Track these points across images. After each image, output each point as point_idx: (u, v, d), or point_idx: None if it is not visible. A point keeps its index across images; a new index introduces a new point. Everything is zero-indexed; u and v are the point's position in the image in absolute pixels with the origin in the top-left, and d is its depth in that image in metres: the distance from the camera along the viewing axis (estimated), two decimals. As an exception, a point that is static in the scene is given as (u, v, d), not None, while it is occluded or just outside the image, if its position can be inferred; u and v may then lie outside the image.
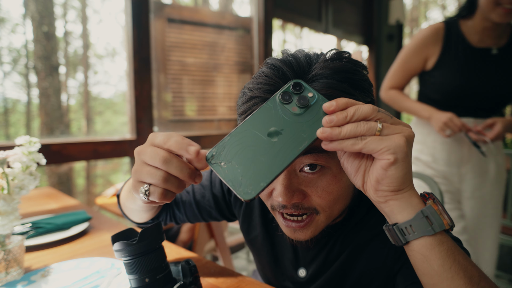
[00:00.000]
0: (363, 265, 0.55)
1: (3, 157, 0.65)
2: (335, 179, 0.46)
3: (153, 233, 0.47)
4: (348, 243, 0.57)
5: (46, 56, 1.91)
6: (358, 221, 0.57)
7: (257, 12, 2.74)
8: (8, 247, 0.63)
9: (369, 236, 0.56)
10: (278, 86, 0.43)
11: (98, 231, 0.95)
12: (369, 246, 0.55)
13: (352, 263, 0.56)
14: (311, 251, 0.61)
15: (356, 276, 0.56)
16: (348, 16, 3.87)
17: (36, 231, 0.88)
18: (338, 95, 0.41)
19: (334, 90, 0.43)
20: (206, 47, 2.46)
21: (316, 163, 0.45)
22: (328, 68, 0.43)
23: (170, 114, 2.30)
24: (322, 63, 0.44)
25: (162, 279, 0.47)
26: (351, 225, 0.57)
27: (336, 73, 0.43)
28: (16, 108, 1.96)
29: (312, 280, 0.60)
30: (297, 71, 0.44)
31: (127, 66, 2.00)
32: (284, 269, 0.64)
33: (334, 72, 0.43)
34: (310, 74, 0.44)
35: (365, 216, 0.57)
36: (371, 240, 0.55)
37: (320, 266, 0.59)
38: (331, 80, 0.43)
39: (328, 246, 0.59)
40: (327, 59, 0.45)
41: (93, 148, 1.81)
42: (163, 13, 2.22)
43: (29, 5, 1.83)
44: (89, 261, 0.70)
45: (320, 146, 0.39)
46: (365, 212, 0.57)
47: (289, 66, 0.44)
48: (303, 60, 0.45)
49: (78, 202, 1.28)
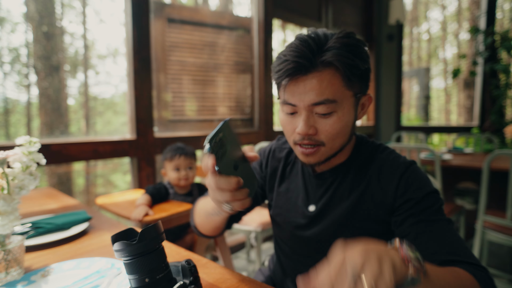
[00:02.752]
0: (363, 201, 0.70)
1: (3, 157, 0.65)
2: (339, 120, 0.64)
3: (153, 233, 0.47)
4: (352, 182, 0.72)
5: (46, 56, 1.90)
6: (361, 163, 0.73)
7: (257, 12, 2.74)
8: (8, 247, 0.63)
9: (371, 176, 0.71)
10: (303, 53, 0.61)
11: (98, 231, 0.95)
12: (371, 184, 0.70)
13: (352, 199, 0.71)
14: (319, 189, 0.76)
15: (356, 209, 0.71)
16: (348, 16, 3.87)
17: (36, 231, 0.88)
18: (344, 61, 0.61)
19: (342, 57, 0.61)
20: (206, 47, 2.46)
21: (326, 111, 0.63)
22: (339, 43, 0.62)
23: (170, 114, 2.30)
24: (335, 39, 0.62)
25: (162, 279, 0.47)
26: (354, 167, 0.73)
27: (344, 46, 0.62)
28: (16, 108, 1.96)
29: (319, 214, 0.75)
30: (317, 43, 0.62)
31: (127, 66, 2.00)
32: (298, 208, 0.79)
33: (342, 45, 0.62)
34: (326, 46, 0.62)
35: (367, 160, 0.73)
36: (372, 179, 0.70)
37: (328, 201, 0.74)
38: (341, 51, 0.61)
39: (335, 185, 0.74)
40: (339, 36, 0.63)
41: (93, 148, 1.81)
42: (163, 13, 2.22)
43: (29, 5, 1.83)
44: (89, 261, 0.70)
45: (330, 98, 0.62)
46: (367, 155, 0.74)
47: (313, 39, 0.63)
48: (322, 36, 0.64)
49: (78, 202, 1.28)
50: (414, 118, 8.06)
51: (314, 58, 0.61)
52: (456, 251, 0.59)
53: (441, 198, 0.67)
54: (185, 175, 1.61)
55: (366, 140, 0.78)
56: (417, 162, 2.02)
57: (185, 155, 1.62)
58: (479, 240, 1.83)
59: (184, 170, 1.61)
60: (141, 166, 2.01)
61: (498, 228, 1.76)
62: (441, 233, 0.62)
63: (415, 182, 0.67)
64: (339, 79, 0.62)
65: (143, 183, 2.02)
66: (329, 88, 0.62)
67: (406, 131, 4.09)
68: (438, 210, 0.65)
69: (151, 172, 2.05)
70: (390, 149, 0.75)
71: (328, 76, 0.62)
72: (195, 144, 2.25)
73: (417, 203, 0.65)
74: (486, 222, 1.82)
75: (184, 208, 1.46)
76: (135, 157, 1.99)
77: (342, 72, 0.62)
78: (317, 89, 0.62)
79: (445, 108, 10.48)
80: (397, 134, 3.88)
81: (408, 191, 0.67)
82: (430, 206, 0.65)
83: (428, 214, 0.64)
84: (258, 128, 2.78)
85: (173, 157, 1.61)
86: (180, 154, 1.61)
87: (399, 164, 0.70)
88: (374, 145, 0.76)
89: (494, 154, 1.74)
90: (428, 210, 0.64)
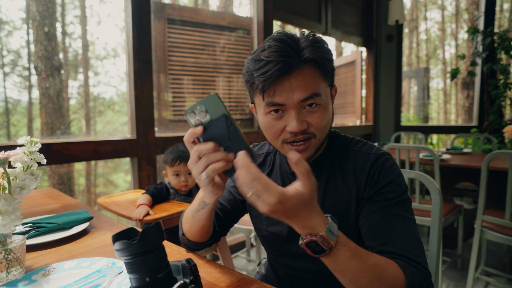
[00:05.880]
0: (339, 195, 0.72)
1: (4, 157, 0.65)
2: (324, 111, 0.68)
3: (153, 233, 0.47)
4: (328, 178, 0.75)
5: (47, 57, 1.91)
6: (335, 157, 0.76)
7: (257, 12, 2.74)
8: (9, 247, 0.64)
9: (345, 170, 0.73)
10: (286, 53, 0.63)
11: (99, 230, 0.95)
12: (346, 178, 0.72)
13: (329, 194, 0.73)
14: None
15: (333, 204, 0.72)
16: (347, 17, 3.87)
17: (37, 231, 0.89)
18: (322, 55, 0.65)
19: (319, 53, 0.65)
20: (207, 47, 2.46)
21: (314, 102, 0.66)
22: (311, 41, 0.66)
23: (170, 114, 2.30)
24: (305, 37, 0.66)
25: (162, 278, 0.48)
26: (329, 162, 0.76)
27: (317, 44, 0.66)
28: (17, 108, 1.96)
29: None
30: (295, 42, 0.65)
31: (128, 66, 2.00)
32: None
33: (315, 43, 0.66)
34: (302, 45, 0.65)
35: (340, 153, 0.76)
36: (347, 173, 0.73)
37: None
38: (315, 48, 0.65)
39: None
40: (308, 35, 0.67)
41: (93, 148, 1.81)
42: (164, 13, 2.23)
43: (31, 5, 1.83)
44: (90, 260, 0.71)
45: (316, 92, 0.65)
46: (340, 149, 0.76)
47: (290, 39, 0.65)
48: (295, 36, 0.67)
49: (79, 202, 1.28)
50: (413, 118, 8.06)
51: (296, 56, 0.64)
52: (402, 247, 0.60)
53: (406, 194, 0.68)
54: (185, 181, 1.60)
55: (338, 134, 0.80)
56: (417, 162, 2.04)
57: (186, 161, 1.61)
58: (477, 239, 1.83)
59: (184, 176, 1.61)
60: (142, 166, 2.01)
61: (496, 227, 1.77)
62: (392, 228, 0.63)
63: (381, 172, 0.69)
64: (318, 73, 0.66)
65: (143, 183, 2.02)
66: (313, 83, 0.65)
67: (405, 131, 4.09)
68: (397, 204, 0.66)
69: (151, 172, 2.06)
70: (363, 142, 0.77)
71: (310, 72, 0.65)
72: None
73: (377, 193, 0.67)
74: (484, 221, 1.82)
75: (184, 208, 1.46)
76: (135, 157, 1.99)
77: (321, 67, 0.66)
78: (303, 85, 0.64)
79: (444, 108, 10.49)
80: (396, 134, 3.89)
81: (374, 180, 0.68)
82: (389, 198, 0.66)
83: (384, 207, 0.66)
84: (258, 128, 2.79)
85: (174, 162, 1.60)
86: (180, 160, 1.60)
87: (370, 155, 0.71)
88: (346, 139, 0.79)
89: (492, 154, 1.74)
90: (385, 202, 0.66)
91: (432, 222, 0.95)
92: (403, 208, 0.66)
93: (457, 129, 4.12)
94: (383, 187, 0.67)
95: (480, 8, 3.88)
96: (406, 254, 0.59)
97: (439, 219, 0.93)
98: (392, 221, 0.64)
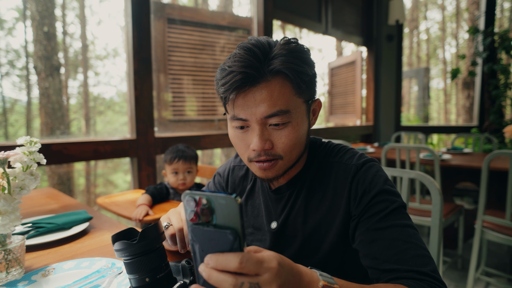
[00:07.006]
0: (322, 212, 0.67)
1: (4, 157, 0.65)
2: (294, 130, 0.61)
3: (153, 233, 0.47)
4: (308, 193, 0.69)
5: (46, 56, 1.91)
6: (315, 172, 0.70)
7: (256, 12, 2.74)
8: (9, 247, 0.64)
9: (326, 184, 0.68)
10: (249, 63, 0.57)
11: (99, 231, 0.95)
12: (327, 193, 0.67)
13: (311, 210, 0.68)
14: (279, 204, 0.73)
15: (316, 221, 0.67)
16: (347, 17, 3.87)
17: (37, 231, 0.88)
18: (293, 68, 0.58)
19: (290, 64, 0.58)
20: (206, 47, 2.46)
21: (280, 122, 0.60)
22: (284, 49, 0.59)
23: (170, 114, 2.30)
24: (280, 45, 0.60)
25: (162, 278, 0.48)
26: (309, 177, 0.70)
27: (290, 53, 0.59)
28: (16, 108, 1.96)
29: (280, 229, 0.72)
30: (263, 51, 0.59)
31: (128, 66, 2.00)
32: (263, 226, 0.76)
33: (288, 52, 0.59)
34: (272, 54, 0.59)
35: (321, 166, 0.70)
36: (328, 188, 0.67)
37: (286, 216, 0.71)
38: (288, 57, 0.58)
39: (292, 198, 0.71)
40: (283, 43, 0.60)
41: (93, 148, 1.81)
42: (163, 13, 2.23)
43: (30, 5, 1.83)
44: (90, 260, 0.70)
45: (283, 109, 0.58)
46: (321, 161, 0.71)
47: (258, 47, 0.59)
48: (266, 44, 0.60)
49: (79, 202, 1.28)
50: (414, 118, 8.06)
51: (261, 67, 0.58)
52: (405, 261, 0.55)
53: (395, 199, 0.62)
54: (183, 179, 1.60)
55: (320, 144, 0.74)
56: (417, 162, 2.03)
57: (184, 159, 1.61)
58: (478, 239, 1.83)
59: (182, 174, 1.60)
60: (142, 166, 2.01)
61: (497, 227, 1.77)
62: (390, 241, 0.57)
63: (365, 184, 0.63)
64: (289, 87, 0.59)
65: (143, 183, 2.02)
66: (281, 98, 0.58)
67: (406, 131, 4.09)
68: (390, 214, 0.60)
69: (151, 172, 2.06)
70: (344, 150, 0.70)
71: (278, 85, 0.58)
72: (195, 144, 2.26)
73: (367, 207, 0.61)
74: (485, 221, 1.82)
75: (184, 208, 1.46)
76: (135, 157, 1.99)
77: (292, 80, 0.59)
78: (268, 100, 0.58)
79: (444, 108, 10.49)
80: (397, 134, 3.89)
81: (358, 195, 0.63)
82: (380, 210, 0.60)
83: (377, 221, 0.59)
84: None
85: (172, 160, 1.60)
86: (179, 158, 1.60)
87: (350, 167, 0.66)
88: (327, 149, 0.72)
89: (493, 154, 1.74)
90: (377, 215, 0.60)
91: (432, 222, 0.94)
92: (398, 216, 0.60)
93: (457, 129, 4.12)
94: (371, 200, 0.61)
95: (481, 8, 3.88)
96: (411, 268, 0.54)
97: (439, 219, 0.93)
98: (389, 235, 0.58)
